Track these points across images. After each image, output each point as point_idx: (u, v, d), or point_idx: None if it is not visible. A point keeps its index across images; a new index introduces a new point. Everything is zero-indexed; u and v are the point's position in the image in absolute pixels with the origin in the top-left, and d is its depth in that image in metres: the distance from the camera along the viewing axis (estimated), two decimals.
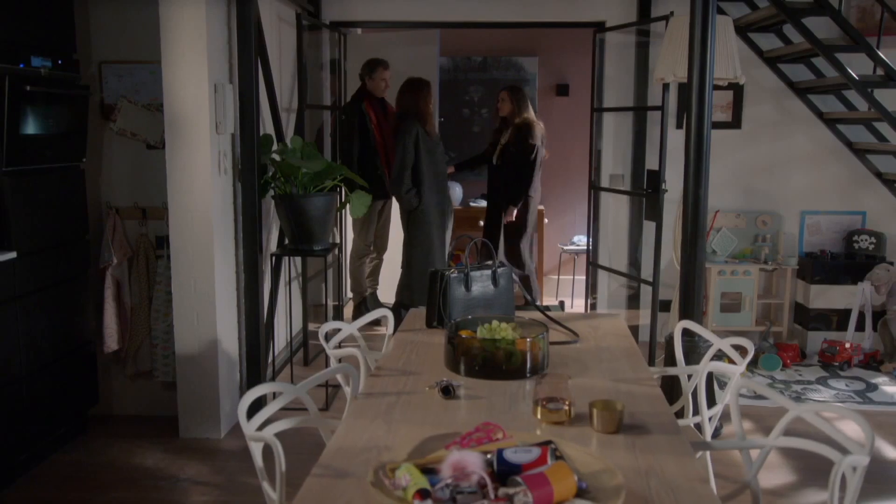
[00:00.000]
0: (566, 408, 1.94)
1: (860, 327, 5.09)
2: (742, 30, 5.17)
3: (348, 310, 6.14)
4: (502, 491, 1.43)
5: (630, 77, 5.41)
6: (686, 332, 3.37)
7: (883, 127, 5.22)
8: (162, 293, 3.96)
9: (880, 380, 4.76)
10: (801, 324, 5.34)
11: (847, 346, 4.94)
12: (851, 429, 3.69)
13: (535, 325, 2.51)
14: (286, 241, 4.35)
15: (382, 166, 5.57)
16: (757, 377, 4.81)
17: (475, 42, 6.89)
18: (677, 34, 4.26)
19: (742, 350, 2.50)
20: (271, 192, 4.17)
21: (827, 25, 4.84)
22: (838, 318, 5.23)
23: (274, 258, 4.42)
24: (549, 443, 1.63)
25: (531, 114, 5.53)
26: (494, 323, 2.40)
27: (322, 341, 2.55)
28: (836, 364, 4.95)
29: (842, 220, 5.44)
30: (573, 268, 6.75)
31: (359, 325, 2.72)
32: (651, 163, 5.25)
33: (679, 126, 5.26)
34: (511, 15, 5.40)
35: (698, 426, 2.66)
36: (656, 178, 4.81)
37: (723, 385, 3.96)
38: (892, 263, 5.13)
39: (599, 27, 5.38)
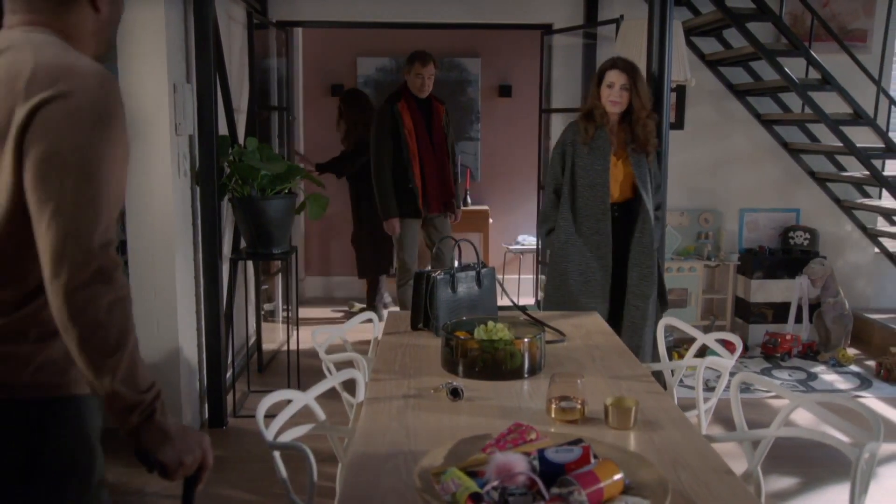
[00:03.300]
0: (579, 406, 1.97)
1: (798, 319, 5.32)
2: (685, 34, 5.32)
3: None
4: (554, 491, 1.44)
5: (576, 78, 5.50)
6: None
7: (815, 128, 5.48)
8: None
9: (819, 369, 4.99)
10: (743, 317, 5.54)
11: (788, 337, 5.16)
12: (801, 416, 3.85)
13: (527, 326, 2.54)
14: (242, 245, 4.25)
15: (415, 181, 4.74)
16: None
17: (417, 42, 6.85)
18: (631, 37, 4.37)
19: (729, 344, 2.58)
20: (227, 195, 4.06)
21: (763, 30, 5.05)
22: (774, 312, 5.45)
23: (230, 263, 4.32)
24: (579, 441, 1.65)
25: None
26: (490, 324, 2.41)
27: (317, 347, 2.50)
28: (778, 355, 5.16)
29: (778, 217, 5.68)
30: (518, 267, 6.82)
31: (347, 329, 2.69)
32: None
33: None
34: (458, 16, 5.42)
35: None
36: None
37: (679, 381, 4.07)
38: (825, 258, 5.39)
39: (546, 29, 5.45)
